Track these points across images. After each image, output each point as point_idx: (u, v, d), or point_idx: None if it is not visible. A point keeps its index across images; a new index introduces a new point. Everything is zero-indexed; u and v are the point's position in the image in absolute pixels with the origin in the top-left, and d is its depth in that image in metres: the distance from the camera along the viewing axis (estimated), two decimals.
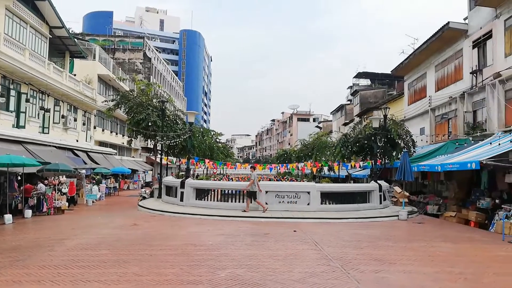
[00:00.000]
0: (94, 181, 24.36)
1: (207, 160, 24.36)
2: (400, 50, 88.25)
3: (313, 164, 27.12)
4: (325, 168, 29.36)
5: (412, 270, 7.43)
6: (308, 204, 16.19)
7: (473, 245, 10.62)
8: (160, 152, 23.85)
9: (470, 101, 18.96)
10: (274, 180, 29.13)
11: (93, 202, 21.21)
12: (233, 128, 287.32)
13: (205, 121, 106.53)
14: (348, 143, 22.63)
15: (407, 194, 19.21)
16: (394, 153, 20.94)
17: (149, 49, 56.70)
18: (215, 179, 25.35)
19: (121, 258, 8.01)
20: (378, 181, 17.96)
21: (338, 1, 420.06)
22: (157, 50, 66.33)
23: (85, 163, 24.75)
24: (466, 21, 19.85)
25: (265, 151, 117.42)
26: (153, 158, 28.80)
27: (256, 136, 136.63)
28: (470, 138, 18.02)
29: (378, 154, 20.38)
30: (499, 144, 13.43)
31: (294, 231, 11.81)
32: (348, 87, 53.38)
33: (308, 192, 16.35)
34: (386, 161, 20.84)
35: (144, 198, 21.44)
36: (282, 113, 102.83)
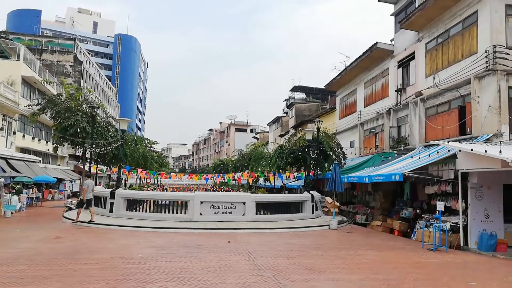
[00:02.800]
0: (14, 191, 22.26)
1: (139, 170, 23.41)
2: (333, 67, 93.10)
3: (249, 174, 27.29)
4: (261, 179, 29.70)
5: (340, 278, 7.66)
6: (243, 214, 16.17)
7: (396, 253, 11.27)
8: (89, 160, 22.46)
9: (395, 117, 20.38)
10: (210, 191, 28.85)
11: (12, 213, 19.31)
12: (169, 137, 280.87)
13: (139, 129, 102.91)
14: (283, 154, 23.13)
15: (338, 204, 20.00)
16: (326, 165, 21.77)
17: (80, 51, 53.71)
18: (149, 189, 24.42)
19: (41, 274, 7.30)
20: (311, 192, 18.51)
21: (279, 15, 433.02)
22: (89, 54, 63.08)
23: (4, 171, 22.61)
24: (393, 43, 21.43)
25: (202, 160, 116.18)
26: (81, 167, 27.08)
27: (193, 145, 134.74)
28: (395, 152, 19.31)
29: (311, 165, 21.06)
30: (419, 158, 14.52)
31: (228, 242, 11.68)
32: (285, 100, 54.93)
33: (244, 203, 16.35)
34: (319, 172, 21.60)
35: (70, 209, 19.96)
36: (220, 123, 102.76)
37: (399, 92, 19.93)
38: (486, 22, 14.07)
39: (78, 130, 20.03)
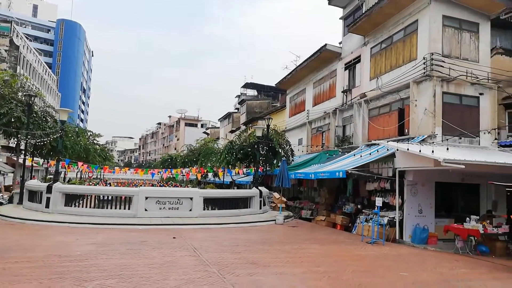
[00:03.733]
0: None
1: (80, 163, 22.25)
2: (284, 65, 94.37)
3: (198, 169, 26.98)
4: (210, 174, 29.51)
5: (283, 272, 7.84)
6: (191, 210, 15.99)
7: (337, 246, 11.75)
8: (24, 152, 20.98)
9: (341, 116, 21.16)
10: (157, 186, 28.16)
11: None
12: (115, 130, 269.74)
13: (82, 120, 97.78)
14: (233, 150, 23.15)
15: (285, 199, 20.41)
16: (275, 161, 22.12)
17: (17, 35, 49.83)
18: (90, 183, 23.33)
19: None
20: (259, 187, 18.72)
21: (231, 13, 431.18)
22: (27, 38, 58.76)
23: None
24: (341, 45, 22.19)
25: (149, 155, 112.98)
26: (15, 159, 25.23)
27: (140, 139, 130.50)
28: (339, 150, 20.06)
29: (261, 162, 21.29)
30: (361, 156, 15.23)
31: (174, 237, 11.49)
32: (236, 96, 54.97)
33: (191, 198, 16.16)
34: (268, 168, 21.88)
35: (1, 204, 18.53)
36: (169, 116, 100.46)
37: (345, 93, 20.71)
38: (425, 31, 15.02)
39: (12, 120, 18.62)
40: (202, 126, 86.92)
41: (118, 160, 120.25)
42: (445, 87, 14.55)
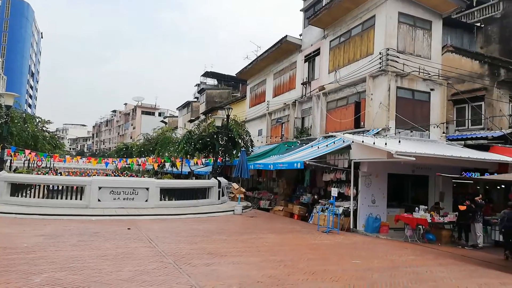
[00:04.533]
0: None
1: (27, 151, 20.99)
2: (245, 55, 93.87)
3: (155, 159, 26.38)
4: (168, 164, 28.95)
5: (240, 261, 7.86)
6: (147, 200, 15.62)
7: (294, 236, 11.96)
8: None
9: (300, 108, 21.43)
10: (112, 176, 27.28)
11: None
12: (67, 117, 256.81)
13: (30, 106, 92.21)
14: (192, 140, 22.81)
15: (244, 190, 20.46)
16: (234, 152, 22.05)
17: None
18: (39, 173, 22.12)
19: None
20: (218, 178, 18.61)
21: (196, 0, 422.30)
22: None
23: None
24: (301, 37, 22.37)
25: (104, 144, 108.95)
26: None
27: (93, 127, 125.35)
28: (298, 141, 20.35)
29: (220, 152, 21.16)
30: (318, 148, 15.54)
31: (128, 229, 11.18)
32: (196, 85, 54.12)
33: (147, 188, 15.78)
34: (227, 159, 21.79)
35: None
36: (125, 104, 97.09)
37: (305, 85, 20.96)
38: (381, 27, 15.46)
39: None
40: (159, 114, 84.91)
41: (70, 149, 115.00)
42: (399, 82, 15.10)
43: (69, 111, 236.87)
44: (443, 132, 15.66)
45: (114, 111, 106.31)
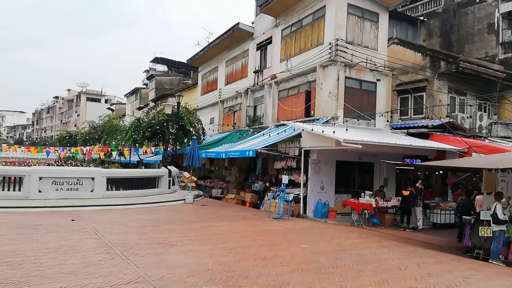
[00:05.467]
0: None
1: None
2: (196, 42, 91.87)
3: (101, 148, 25.27)
4: (115, 153, 27.89)
5: (191, 250, 7.77)
6: (92, 191, 14.94)
7: (246, 223, 12.03)
8: None
9: (252, 97, 21.44)
10: (54, 165, 25.82)
11: None
12: (2, 104, 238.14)
13: None
14: (140, 128, 22.07)
15: (195, 179, 20.26)
16: (185, 140, 21.67)
17: None
18: None
19: None
20: (168, 167, 18.23)
21: None
22: None
23: None
24: (253, 25, 22.26)
25: (45, 132, 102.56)
26: None
27: (33, 114, 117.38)
28: (250, 130, 20.40)
29: (170, 140, 20.71)
30: (270, 136, 15.68)
31: (72, 220, 10.63)
32: (145, 71, 52.31)
33: (93, 178, 15.08)
34: (178, 147, 21.36)
35: None
36: (68, 90, 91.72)
37: (257, 74, 20.96)
38: (331, 17, 15.74)
39: None
40: (106, 101, 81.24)
41: (7, 137, 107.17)
42: (347, 72, 15.53)
43: (5, 96, 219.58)
44: (387, 121, 16.39)
45: (56, 97, 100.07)
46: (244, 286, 5.66)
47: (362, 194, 13.57)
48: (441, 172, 17.27)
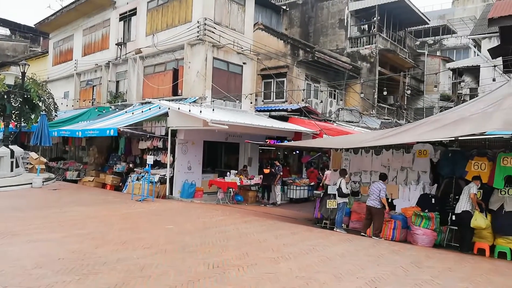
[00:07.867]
0: None
1: None
2: (48, 4, 79.94)
3: None
4: None
5: (38, 239, 6.84)
6: None
7: (105, 207, 11.18)
8: None
9: (114, 71, 19.82)
10: None
11: None
12: None
13: None
14: None
15: (45, 160, 17.94)
16: (33, 116, 18.90)
17: None
18: None
19: None
20: (10, 146, 15.69)
21: None
22: None
23: None
24: None
25: None
26: None
27: None
28: (112, 106, 18.91)
29: (13, 116, 17.84)
30: (133, 114, 14.80)
31: None
32: None
33: None
34: (23, 124, 18.51)
35: None
36: None
37: (120, 46, 19.41)
38: None
39: None
40: None
41: None
42: (215, 53, 15.56)
43: None
44: (251, 102, 17.11)
45: None
46: (101, 272, 5.23)
47: (228, 173, 13.98)
48: (297, 152, 19.00)
